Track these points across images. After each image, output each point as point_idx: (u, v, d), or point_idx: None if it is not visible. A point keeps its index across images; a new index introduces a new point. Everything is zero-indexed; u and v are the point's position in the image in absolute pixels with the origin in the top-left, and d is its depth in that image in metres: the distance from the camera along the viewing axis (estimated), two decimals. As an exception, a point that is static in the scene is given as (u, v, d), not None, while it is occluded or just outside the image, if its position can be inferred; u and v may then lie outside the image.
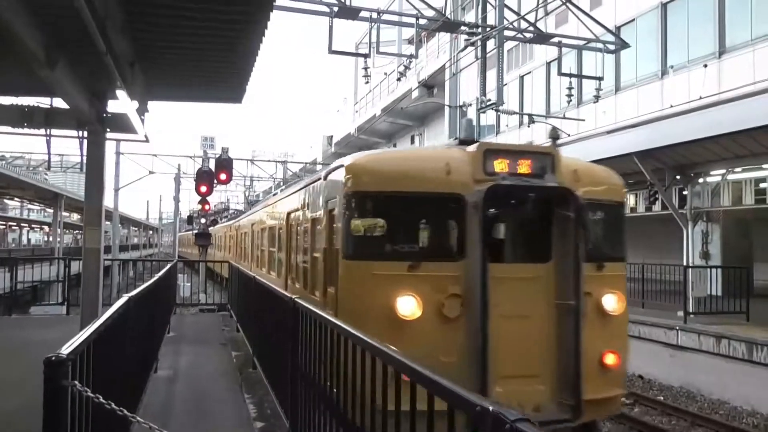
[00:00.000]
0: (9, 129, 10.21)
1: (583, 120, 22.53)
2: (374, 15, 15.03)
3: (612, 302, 6.46)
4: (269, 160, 42.99)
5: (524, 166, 6.34)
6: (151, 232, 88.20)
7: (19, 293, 17.18)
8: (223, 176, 17.62)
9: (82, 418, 2.97)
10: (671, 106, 18.22)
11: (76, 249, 46.59)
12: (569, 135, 20.88)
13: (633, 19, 22.86)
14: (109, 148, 9.99)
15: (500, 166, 6.28)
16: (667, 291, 16.32)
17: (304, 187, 9.31)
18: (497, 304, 5.84)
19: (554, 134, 11.82)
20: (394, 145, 43.71)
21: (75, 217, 63.92)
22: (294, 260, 10.15)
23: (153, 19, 7.10)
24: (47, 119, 9.97)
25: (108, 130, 9.84)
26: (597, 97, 18.96)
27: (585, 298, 6.13)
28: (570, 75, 19.45)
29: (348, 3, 13.98)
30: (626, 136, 16.67)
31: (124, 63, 7.37)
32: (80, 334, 3.21)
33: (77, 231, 72.07)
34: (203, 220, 22.48)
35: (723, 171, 16.82)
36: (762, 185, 17.64)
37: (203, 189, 17.89)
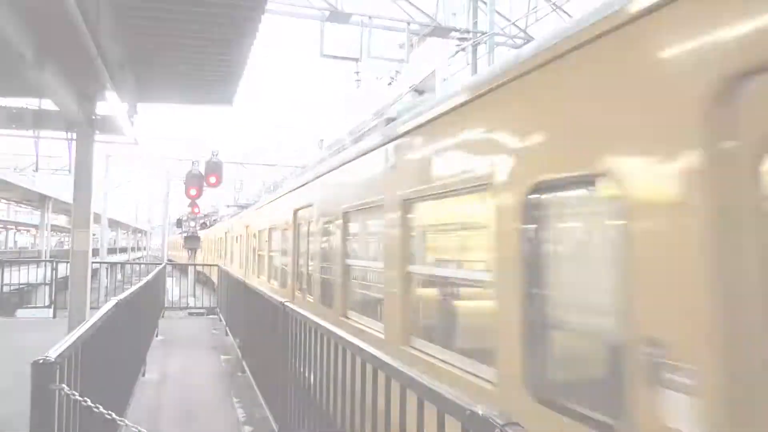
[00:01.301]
0: (-3, 130, 10.18)
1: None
2: (365, 20, 15.04)
3: None
4: (259, 164, 42.85)
5: None
6: (139, 235, 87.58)
7: (5, 296, 16.98)
8: (213, 179, 17.52)
9: (69, 422, 2.95)
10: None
11: (62, 252, 46.17)
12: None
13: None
14: (99, 150, 9.88)
15: None
16: None
17: None
18: None
19: None
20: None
21: (63, 219, 63.37)
22: None
23: (143, 22, 7.09)
24: (36, 120, 9.93)
25: (97, 132, 9.82)
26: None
27: None
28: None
29: (339, 7, 13.99)
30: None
31: (114, 65, 7.34)
32: (68, 337, 3.20)
33: (64, 233, 71.49)
34: (192, 224, 22.36)
35: None
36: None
37: (193, 192, 17.79)
